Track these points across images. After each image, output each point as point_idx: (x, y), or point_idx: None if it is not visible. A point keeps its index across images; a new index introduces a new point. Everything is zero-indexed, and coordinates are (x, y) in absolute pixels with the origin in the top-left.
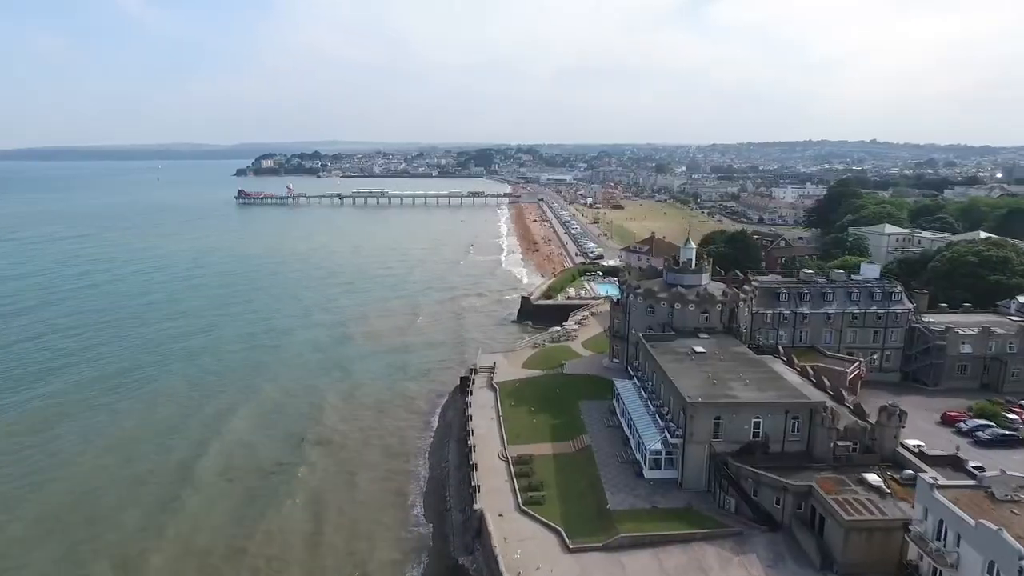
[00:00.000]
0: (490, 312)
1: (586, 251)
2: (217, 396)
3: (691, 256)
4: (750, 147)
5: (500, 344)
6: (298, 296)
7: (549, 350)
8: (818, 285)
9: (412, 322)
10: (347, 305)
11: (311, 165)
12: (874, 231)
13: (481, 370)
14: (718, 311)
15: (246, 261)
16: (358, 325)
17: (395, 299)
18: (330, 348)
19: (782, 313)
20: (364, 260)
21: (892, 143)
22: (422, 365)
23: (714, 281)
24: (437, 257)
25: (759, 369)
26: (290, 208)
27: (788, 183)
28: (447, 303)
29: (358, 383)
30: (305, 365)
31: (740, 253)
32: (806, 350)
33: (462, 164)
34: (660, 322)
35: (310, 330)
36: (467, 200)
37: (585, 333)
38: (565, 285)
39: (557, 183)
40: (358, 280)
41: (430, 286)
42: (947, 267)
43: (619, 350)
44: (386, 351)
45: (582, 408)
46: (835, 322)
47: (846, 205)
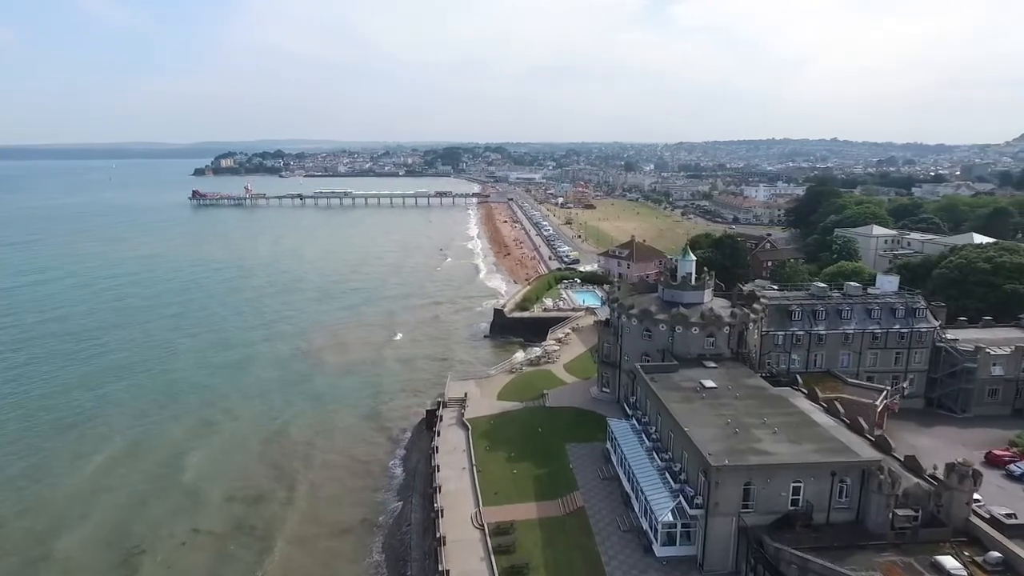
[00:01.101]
0: (461, 326)
1: (561, 255)
2: (161, 436)
3: (691, 269)
4: (716, 145)
5: (471, 365)
6: (261, 309)
7: (528, 376)
8: (834, 301)
9: (389, 338)
10: (316, 319)
11: (273, 164)
12: (861, 233)
13: (450, 402)
14: (725, 335)
15: (199, 270)
16: (328, 343)
17: (370, 310)
18: (295, 372)
19: (795, 334)
20: (332, 266)
21: (852, 141)
22: (400, 392)
23: (717, 297)
24: (412, 263)
25: (784, 410)
26: (248, 210)
27: (759, 182)
28: (428, 316)
29: (324, 419)
30: (266, 394)
31: (728, 258)
32: (822, 376)
33: (429, 163)
34: (658, 348)
35: (273, 349)
36: (434, 200)
37: (567, 353)
38: (541, 294)
39: (526, 182)
40: (328, 289)
41: (408, 295)
42: (955, 274)
43: (609, 378)
44: (359, 375)
45: (570, 453)
46: (854, 343)
47: (826, 205)
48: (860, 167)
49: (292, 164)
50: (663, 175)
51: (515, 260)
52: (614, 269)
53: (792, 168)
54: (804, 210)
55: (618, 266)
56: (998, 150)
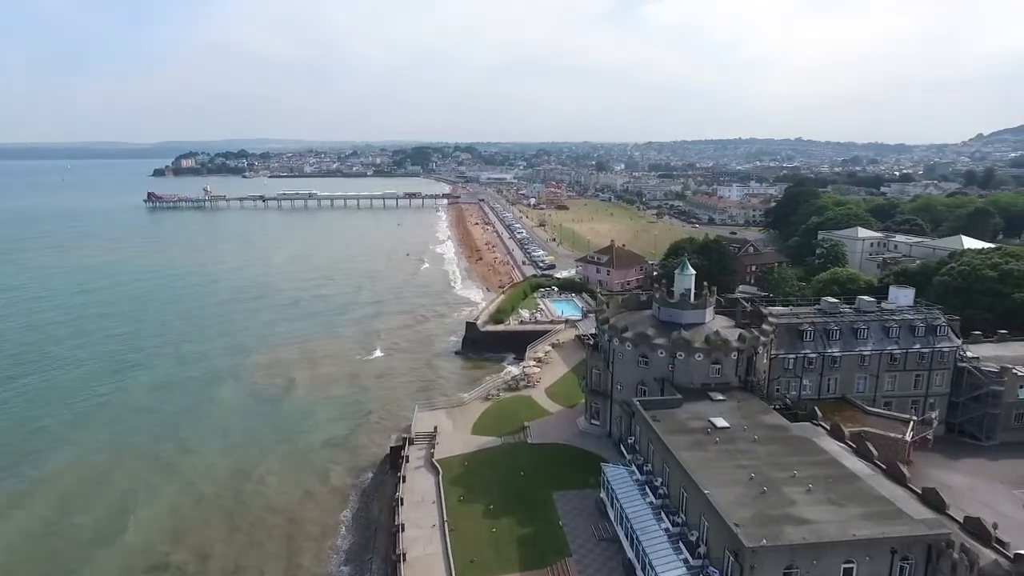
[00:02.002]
0: (433, 340)
1: (535, 260)
2: (100, 502)
3: (690, 285)
4: (684, 145)
5: (442, 387)
6: (224, 322)
7: (506, 404)
8: (848, 319)
9: (363, 355)
10: (284, 332)
11: (236, 164)
12: (846, 235)
13: (418, 438)
14: (733, 361)
15: (155, 279)
16: (297, 360)
17: (342, 322)
18: (258, 396)
19: (807, 357)
20: (301, 273)
21: (816, 141)
22: (369, 419)
23: (718, 315)
24: (385, 269)
25: (813, 457)
26: (208, 212)
27: (731, 181)
28: (405, 329)
29: (281, 457)
30: (227, 433)
31: (715, 265)
32: (836, 403)
33: (398, 163)
34: (656, 376)
35: (237, 368)
36: (403, 201)
37: (548, 375)
38: (516, 304)
39: (497, 182)
40: (298, 299)
41: (383, 304)
42: (959, 282)
43: (599, 409)
44: (327, 399)
45: (559, 504)
46: (870, 366)
47: (805, 206)
48: (826, 166)
49: (256, 164)
50: (634, 175)
51: (487, 266)
52: (593, 276)
53: (760, 167)
54: (782, 211)
55: (597, 272)
56: (955, 150)
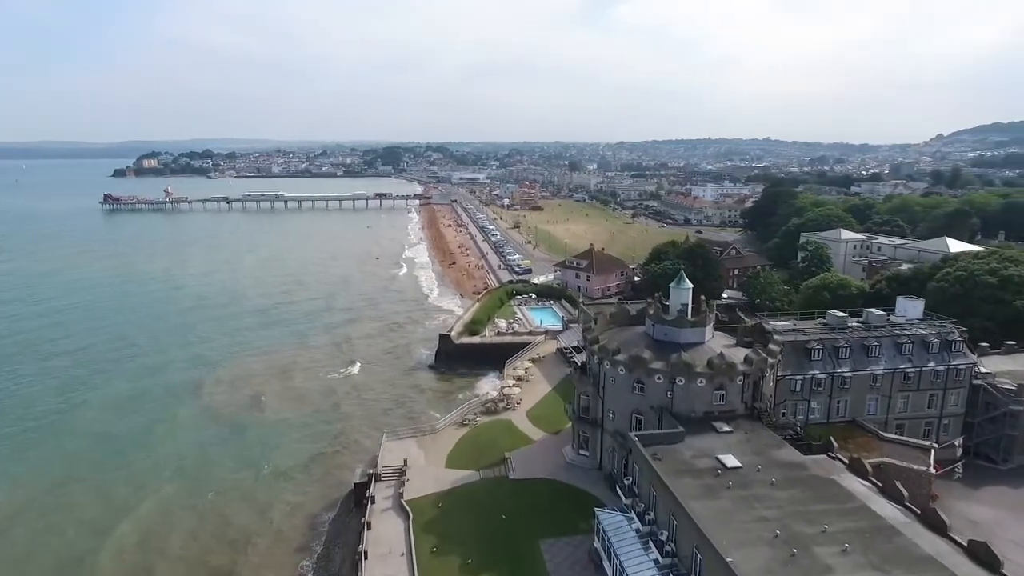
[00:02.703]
0: (406, 353)
1: (511, 264)
2: (35, 555)
3: (687, 300)
4: (655, 144)
5: (411, 408)
6: (188, 336)
7: (483, 430)
8: (858, 335)
9: (333, 371)
10: (254, 346)
11: (201, 165)
12: (829, 237)
13: (385, 473)
14: (739, 386)
15: (112, 288)
16: (264, 379)
17: (312, 336)
18: (224, 420)
19: (815, 378)
20: (272, 279)
21: (783, 141)
22: (344, 451)
23: (717, 331)
24: (356, 275)
25: (842, 504)
26: (169, 215)
27: (705, 181)
28: (379, 342)
29: (242, 495)
30: (183, 463)
31: (700, 270)
32: (847, 428)
33: (369, 163)
34: (653, 404)
35: (202, 387)
36: (373, 202)
37: (529, 395)
38: (492, 313)
39: (470, 183)
40: (269, 309)
41: (353, 315)
42: (956, 289)
43: (588, 439)
44: (299, 423)
45: (547, 555)
46: (883, 386)
47: (784, 207)
48: (795, 166)
49: (222, 164)
50: (607, 174)
51: (461, 270)
52: (572, 281)
53: (731, 167)
54: (760, 212)
55: (577, 278)
56: (918, 150)
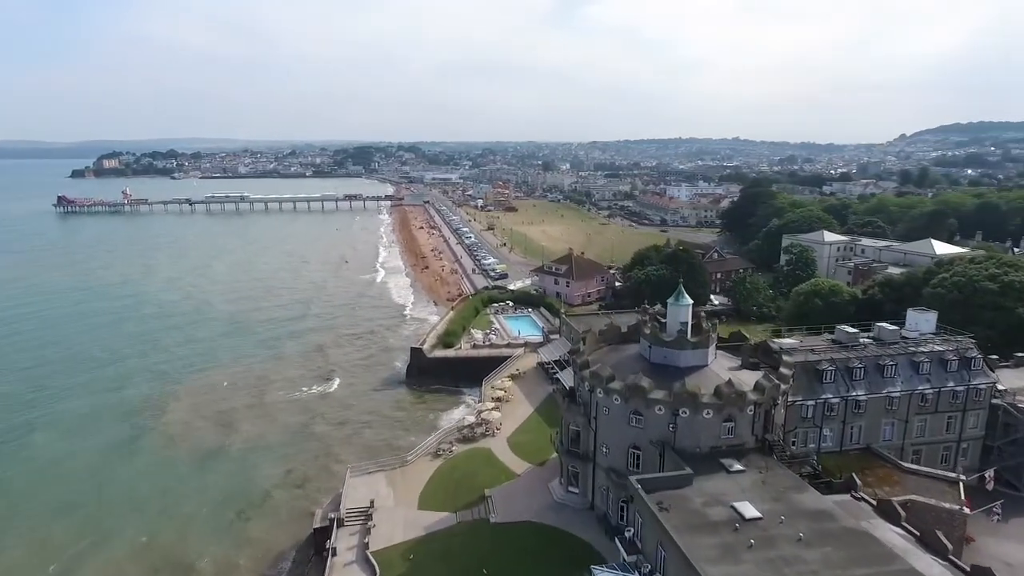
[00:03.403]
0: (371, 366)
1: (486, 268)
2: None
3: (687, 318)
4: (627, 144)
5: (381, 428)
6: (149, 352)
7: (460, 462)
8: (872, 354)
9: (313, 389)
10: (221, 360)
11: (165, 165)
12: (813, 239)
13: (349, 517)
14: (749, 417)
15: (66, 298)
16: (233, 396)
17: (272, 349)
18: (185, 455)
19: (828, 403)
20: (242, 285)
21: (753, 140)
22: (304, 486)
23: (720, 353)
24: (322, 281)
25: (883, 567)
26: (128, 217)
27: (680, 181)
28: (345, 355)
29: (205, 543)
30: (143, 505)
31: (685, 276)
32: (861, 455)
33: (339, 163)
34: (654, 438)
35: (161, 417)
36: (343, 204)
37: (509, 417)
38: (467, 323)
39: (443, 183)
40: (241, 319)
41: (318, 326)
42: (955, 295)
43: (579, 474)
44: (255, 452)
45: None
46: (899, 409)
47: (763, 208)
48: (765, 165)
49: (187, 165)
50: (581, 174)
51: (434, 275)
52: (551, 287)
53: (702, 167)
54: (738, 212)
55: (555, 284)
56: (882, 149)
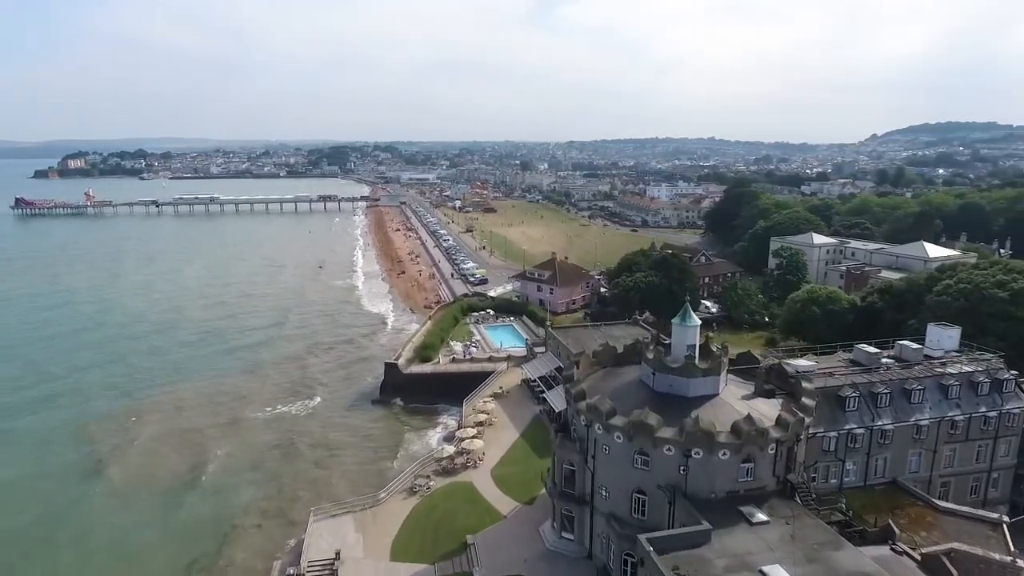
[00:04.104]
0: (342, 382)
1: (465, 272)
2: None
3: (695, 340)
4: (605, 144)
5: (350, 460)
6: (114, 367)
7: (439, 500)
8: (896, 377)
9: (259, 410)
10: (184, 376)
11: (133, 165)
12: (802, 242)
13: (311, 572)
14: (771, 457)
15: (21, 307)
16: (206, 421)
17: (232, 362)
18: (145, 493)
19: (852, 434)
20: (209, 295)
21: (728, 140)
22: (261, 529)
23: (731, 378)
24: (292, 288)
25: None
26: (91, 220)
27: (660, 181)
28: (314, 370)
29: None
30: (86, 554)
31: (675, 283)
32: (887, 490)
33: (314, 163)
34: (662, 482)
35: (119, 451)
36: (317, 205)
37: (493, 445)
38: (446, 334)
39: (419, 183)
40: (210, 334)
41: (283, 337)
42: (961, 303)
43: (574, 518)
44: (207, 488)
45: None
46: (927, 438)
47: (748, 208)
48: (742, 165)
49: (156, 165)
50: (560, 174)
51: (411, 280)
52: (533, 295)
53: (679, 166)
54: (722, 213)
55: (538, 291)
56: (855, 149)
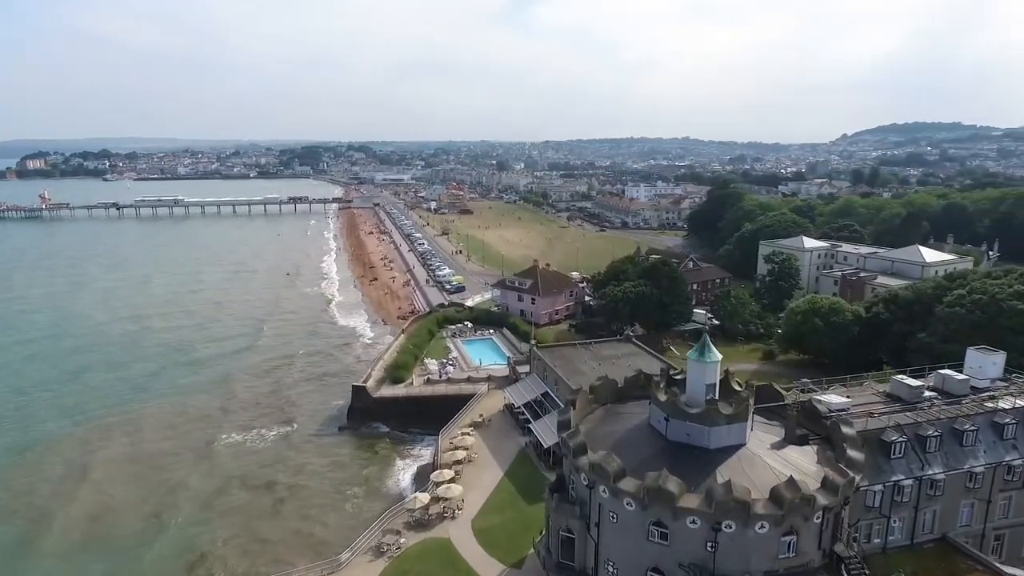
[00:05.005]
0: (304, 405)
1: (441, 279)
2: None
3: (715, 379)
4: (580, 143)
5: (310, 503)
6: (64, 392)
7: (410, 562)
8: (943, 415)
9: (246, 435)
10: (157, 397)
11: (97, 166)
12: (792, 246)
13: None
14: (816, 527)
15: None
16: (153, 449)
17: (228, 384)
18: (92, 550)
19: (899, 486)
20: (185, 304)
21: (702, 140)
22: None
23: (760, 422)
24: (254, 297)
25: None
26: (47, 224)
27: (639, 181)
28: (276, 391)
29: None
30: None
31: (666, 293)
32: (938, 550)
33: (285, 163)
34: (685, 560)
35: (69, 481)
36: (287, 207)
37: (473, 488)
38: (420, 350)
39: (394, 184)
40: (187, 346)
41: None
42: (977, 315)
43: None
44: (187, 533)
45: None
46: (981, 487)
47: (733, 211)
48: (717, 164)
49: (121, 165)
50: (536, 174)
51: (384, 288)
52: (514, 305)
53: (655, 166)
54: (706, 215)
55: (519, 301)
56: (826, 149)
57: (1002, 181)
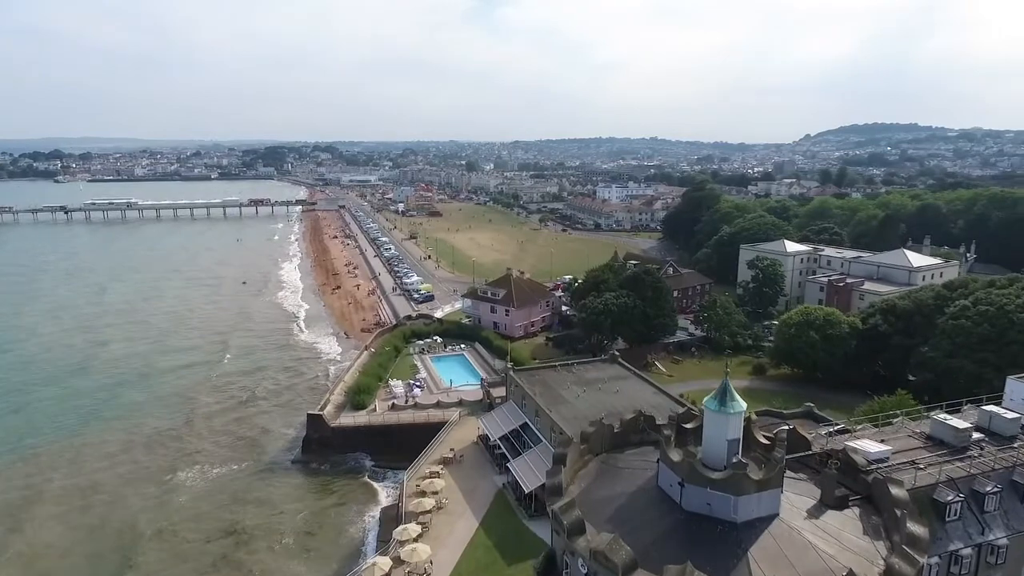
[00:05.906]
0: (254, 436)
1: (408, 287)
2: None
3: (738, 434)
4: (549, 143)
5: (254, 561)
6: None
7: None
8: (999, 464)
9: (188, 472)
10: (115, 422)
11: (48, 167)
12: (774, 250)
13: None
14: None
15: None
16: (69, 492)
17: (196, 406)
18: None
19: (957, 555)
20: (140, 327)
21: (669, 140)
22: None
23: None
24: (208, 308)
25: None
26: None
27: (610, 182)
28: (222, 417)
29: None
30: None
31: (650, 304)
32: None
33: (248, 164)
34: None
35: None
36: (248, 209)
37: (443, 544)
38: (384, 371)
39: (360, 185)
40: (154, 364)
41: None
42: (984, 328)
43: None
44: None
45: None
46: None
47: (710, 213)
48: (685, 164)
49: (74, 167)
50: (506, 175)
51: (347, 297)
52: (487, 316)
53: (624, 166)
54: (681, 218)
55: (492, 312)
56: (790, 148)
57: (963, 181)
